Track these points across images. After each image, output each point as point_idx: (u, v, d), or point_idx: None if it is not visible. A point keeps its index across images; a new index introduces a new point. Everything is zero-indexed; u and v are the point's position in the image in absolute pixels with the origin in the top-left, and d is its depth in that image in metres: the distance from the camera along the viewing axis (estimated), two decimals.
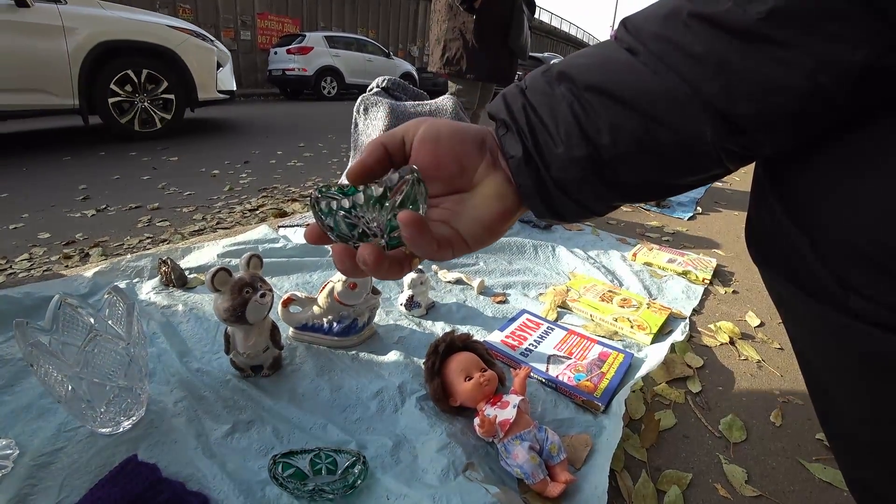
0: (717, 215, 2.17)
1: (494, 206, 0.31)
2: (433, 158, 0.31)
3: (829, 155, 0.26)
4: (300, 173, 2.91)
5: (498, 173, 0.32)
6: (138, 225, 1.92)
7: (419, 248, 0.26)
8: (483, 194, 0.32)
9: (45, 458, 0.64)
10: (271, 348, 0.83)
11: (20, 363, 0.82)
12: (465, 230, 0.31)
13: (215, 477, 0.63)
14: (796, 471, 0.75)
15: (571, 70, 0.30)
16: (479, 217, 0.31)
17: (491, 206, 0.31)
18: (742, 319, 1.20)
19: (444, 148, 0.31)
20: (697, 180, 0.30)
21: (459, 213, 0.31)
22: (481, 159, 0.32)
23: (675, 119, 0.27)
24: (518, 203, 0.32)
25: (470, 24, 2.25)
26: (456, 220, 0.31)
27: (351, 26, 13.41)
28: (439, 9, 2.33)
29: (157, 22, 3.78)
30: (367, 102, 1.65)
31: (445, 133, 0.31)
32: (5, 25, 2.92)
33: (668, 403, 0.87)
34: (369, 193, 0.27)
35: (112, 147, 3.45)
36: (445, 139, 0.31)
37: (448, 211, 0.31)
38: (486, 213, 0.31)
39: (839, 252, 0.25)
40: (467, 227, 0.31)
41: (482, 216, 0.31)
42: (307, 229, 0.29)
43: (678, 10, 0.27)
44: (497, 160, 0.32)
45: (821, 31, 0.22)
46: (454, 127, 0.32)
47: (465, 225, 0.31)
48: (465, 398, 0.75)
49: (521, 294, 1.23)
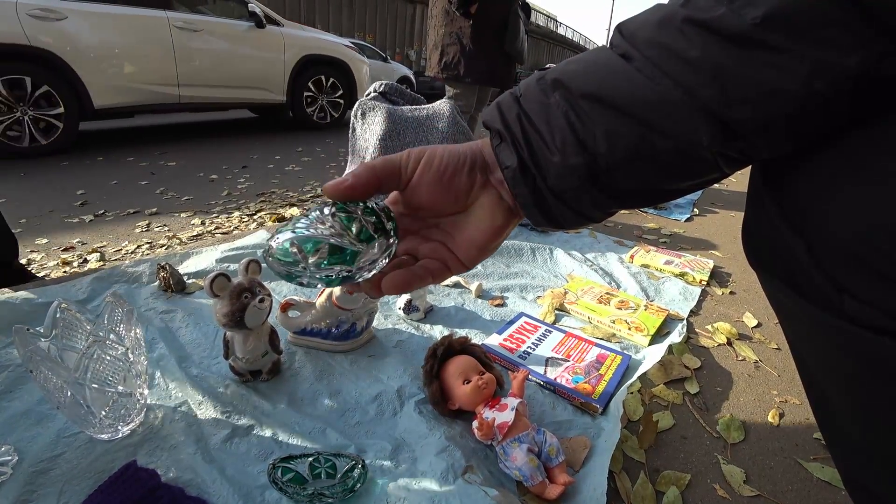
0: (713, 217, 2.18)
1: (486, 226, 0.33)
2: (428, 200, 0.33)
3: (826, 158, 0.26)
4: (298, 178, 2.91)
5: (490, 191, 0.33)
6: (136, 230, 1.92)
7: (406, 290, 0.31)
8: (475, 215, 0.34)
9: (44, 464, 0.65)
10: (270, 353, 0.83)
11: (19, 369, 0.82)
12: (461, 252, 0.33)
13: (215, 482, 0.63)
14: (794, 470, 0.75)
15: (566, 77, 0.30)
16: (472, 238, 0.33)
17: (483, 228, 0.33)
18: (739, 320, 1.21)
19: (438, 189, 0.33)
20: (695, 185, 0.31)
21: (454, 235, 0.34)
22: (472, 183, 0.33)
23: (671, 125, 0.27)
24: (510, 218, 0.34)
25: (467, 29, 2.27)
26: (451, 242, 0.34)
27: (348, 30, 13.43)
28: (436, 14, 2.35)
29: (337, 41, 5.05)
30: (365, 107, 1.65)
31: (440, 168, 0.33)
32: (248, 40, 4.15)
33: (666, 404, 0.87)
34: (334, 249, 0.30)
35: (110, 152, 3.45)
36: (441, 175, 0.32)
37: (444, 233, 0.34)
38: (478, 235, 0.33)
39: (834, 255, 0.25)
40: (462, 249, 0.33)
41: (475, 237, 0.33)
42: None
43: (673, 16, 0.27)
44: (488, 178, 0.33)
45: (815, 36, 0.23)
46: (447, 158, 0.33)
47: (460, 247, 0.33)
48: (463, 401, 0.75)
49: (518, 297, 1.23)
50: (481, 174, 0.33)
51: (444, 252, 0.33)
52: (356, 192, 0.31)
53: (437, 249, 0.34)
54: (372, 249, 0.29)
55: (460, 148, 0.34)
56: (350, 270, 0.29)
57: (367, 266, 0.30)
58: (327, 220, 0.30)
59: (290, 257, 0.29)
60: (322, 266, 0.29)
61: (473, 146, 0.34)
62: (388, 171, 0.32)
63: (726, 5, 0.25)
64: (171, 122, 5.22)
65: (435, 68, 2.39)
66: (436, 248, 0.34)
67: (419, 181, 0.32)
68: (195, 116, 4.81)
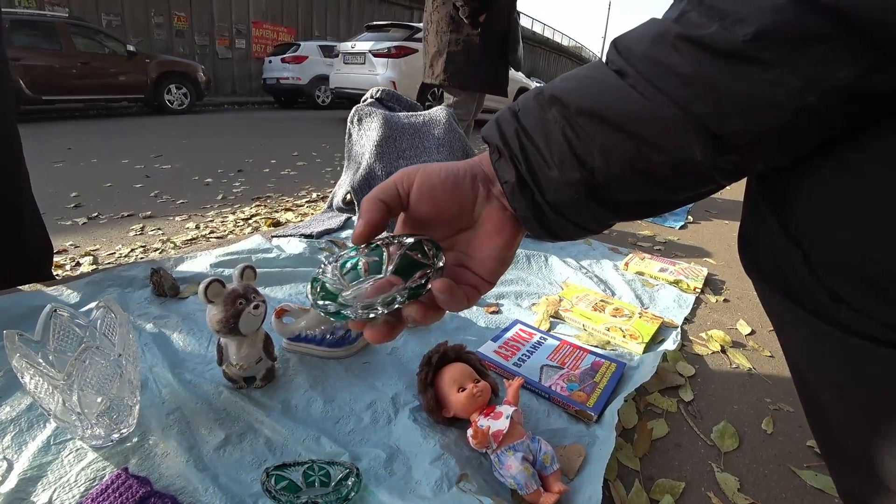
0: (708, 224, 2.20)
1: (498, 239, 0.33)
2: (432, 209, 0.33)
3: (823, 169, 0.26)
4: (294, 182, 2.91)
5: (493, 204, 0.34)
6: (130, 233, 1.91)
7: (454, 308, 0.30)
8: (486, 230, 0.34)
9: (33, 471, 0.64)
10: (264, 359, 0.83)
11: (9, 374, 0.81)
12: (483, 270, 0.33)
13: (207, 490, 0.62)
14: (788, 478, 0.75)
15: (562, 93, 0.31)
16: (489, 254, 0.33)
17: (495, 241, 0.33)
18: (733, 328, 1.21)
19: (441, 197, 0.33)
20: (692, 197, 0.31)
21: (472, 254, 0.34)
22: (475, 195, 0.33)
23: (665, 140, 0.27)
24: (518, 228, 0.34)
25: (475, 38, 2.28)
26: (472, 263, 0.33)
27: (346, 36, 13.46)
28: (438, 20, 2.34)
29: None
30: (362, 113, 1.65)
31: (438, 181, 0.33)
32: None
33: (661, 412, 0.88)
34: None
35: (104, 154, 3.43)
36: (440, 188, 0.33)
37: (463, 254, 0.34)
38: (493, 249, 0.33)
39: (831, 266, 0.25)
40: (483, 267, 0.33)
41: (491, 252, 0.33)
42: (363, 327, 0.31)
43: (666, 33, 0.27)
44: (490, 190, 0.34)
45: (806, 52, 0.23)
46: (445, 172, 0.33)
47: (481, 265, 0.33)
48: (458, 409, 0.75)
49: (513, 304, 1.23)
50: (483, 186, 0.33)
51: (469, 275, 0.33)
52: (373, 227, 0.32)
53: (460, 274, 0.34)
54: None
55: (457, 164, 0.34)
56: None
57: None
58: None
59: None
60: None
61: (472, 162, 0.35)
62: (386, 194, 0.32)
63: (718, 22, 0.25)
64: (167, 123, 5.21)
65: (440, 76, 2.37)
66: (459, 273, 0.34)
67: (419, 196, 0.33)
68: (191, 119, 4.76)
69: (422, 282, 0.29)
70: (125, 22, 9.33)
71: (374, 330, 0.31)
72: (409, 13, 15.31)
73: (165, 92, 6.90)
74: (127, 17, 9.37)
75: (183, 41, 10.30)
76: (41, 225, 1.21)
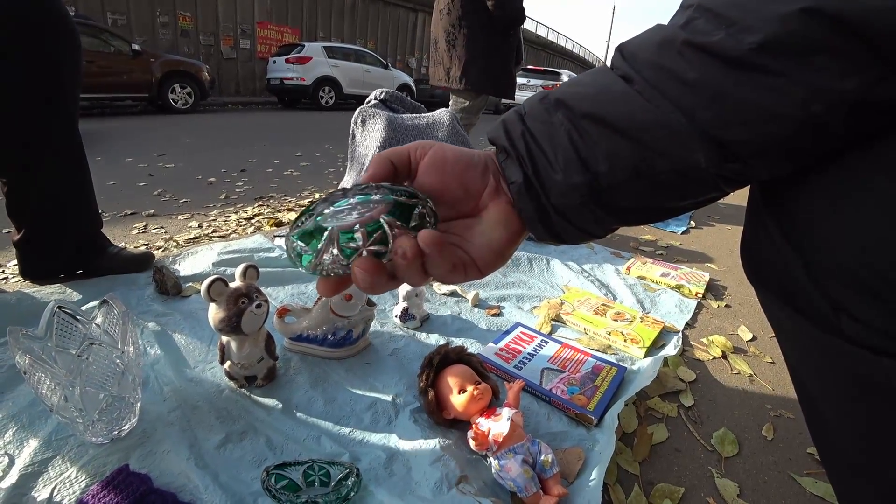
0: (710, 229, 2.20)
1: (501, 232, 0.32)
2: (439, 182, 0.32)
3: (825, 178, 0.26)
4: (297, 183, 2.91)
5: (501, 199, 0.33)
6: (133, 231, 1.91)
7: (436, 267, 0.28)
8: (490, 220, 0.33)
9: (35, 467, 0.64)
10: (266, 359, 0.83)
11: (12, 370, 0.81)
12: (477, 256, 0.32)
13: (208, 488, 0.62)
14: (788, 485, 0.75)
15: (568, 98, 0.31)
16: (488, 243, 0.32)
17: (499, 232, 0.32)
18: (734, 333, 1.21)
19: (450, 172, 0.32)
20: (695, 203, 0.31)
21: (470, 239, 0.32)
22: (485, 185, 0.33)
23: (669, 147, 0.27)
24: (522, 227, 0.33)
25: (504, 46, 2.34)
26: (468, 245, 0.32)
27: (350, 37, 13.51)
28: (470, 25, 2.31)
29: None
30: (365, 114, 1.66)
31: (451, 158, 0.32)
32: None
33: (661, 417, 0.88)
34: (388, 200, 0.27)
35: (108, 153, 3.44)
36: (451, 164, 0.32)
37: (459, 237, 0.32)
38: (495, 239, 0.32)
39: (832, 274, 0.25)
40: (479, 253, 0.32)
41: (491, 242, 0.32)
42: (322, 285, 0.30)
43: (672, 39, 0.27)
44: (500, 186, 0.33)
45: (811, 61, 0.23)
46: (459, 152, 0.33)
47: (477, 251, 0.32)
48: (458, 411, 0.75)
49: (515, 307, 1.23)
50: (494, 178, 0.33)
51: (462, 254, 0.32)
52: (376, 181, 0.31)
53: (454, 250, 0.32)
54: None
55: (474, 150, 0.34)
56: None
57: None
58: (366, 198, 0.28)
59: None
60: None
61: (488, 153, 0.34)
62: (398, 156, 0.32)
63: (725, 30, 0.25)
64: (171, 122, 5.23)
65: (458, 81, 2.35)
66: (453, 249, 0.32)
67: (428, 167, 0.32)
68: (195, 118, 4.78)
69: (412, 223, 0.27)
70: (130, 21, 9.38)
71: (328, 281, 0.29)
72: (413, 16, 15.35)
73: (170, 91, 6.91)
74: (132, 16, 9.42)
75: (188, 41, 10.34)
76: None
